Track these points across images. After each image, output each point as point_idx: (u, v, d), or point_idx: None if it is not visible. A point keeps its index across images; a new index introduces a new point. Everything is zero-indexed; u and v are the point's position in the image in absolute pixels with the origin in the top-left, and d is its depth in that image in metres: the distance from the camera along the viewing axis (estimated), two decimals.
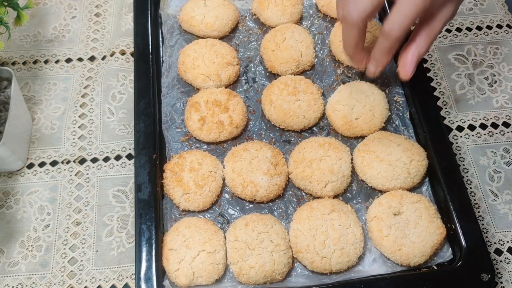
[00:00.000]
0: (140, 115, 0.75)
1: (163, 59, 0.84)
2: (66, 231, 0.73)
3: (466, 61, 0.89)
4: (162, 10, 0.88)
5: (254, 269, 0.64)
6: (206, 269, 0.64)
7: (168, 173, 0.71)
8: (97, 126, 0.81)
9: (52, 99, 0.84)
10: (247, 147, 0.73)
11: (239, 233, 0.66)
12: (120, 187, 0.77)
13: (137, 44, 0.81)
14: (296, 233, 0.67)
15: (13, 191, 0.76)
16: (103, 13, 0.93)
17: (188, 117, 0.76)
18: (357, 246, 0.66)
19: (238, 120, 0.76)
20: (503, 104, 0.84)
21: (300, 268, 0.68)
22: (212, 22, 0.84)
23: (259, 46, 0.86)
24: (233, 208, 0.72)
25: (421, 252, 0.66)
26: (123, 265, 0.71)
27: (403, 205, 0.68)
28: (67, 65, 0.88)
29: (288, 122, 0.76)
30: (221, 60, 0.80)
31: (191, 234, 0.66)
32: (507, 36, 0.91)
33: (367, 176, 0.72)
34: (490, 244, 0.73)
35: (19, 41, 0.89)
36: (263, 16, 0.86)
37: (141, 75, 0.78)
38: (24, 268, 0.70)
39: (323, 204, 0.69)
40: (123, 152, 0.79)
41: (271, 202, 0.73)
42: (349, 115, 0.76)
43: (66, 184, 0.77)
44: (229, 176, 0.72)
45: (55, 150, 0.79)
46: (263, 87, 0.82)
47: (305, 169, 0.71)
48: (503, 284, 0.71)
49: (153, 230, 0.66)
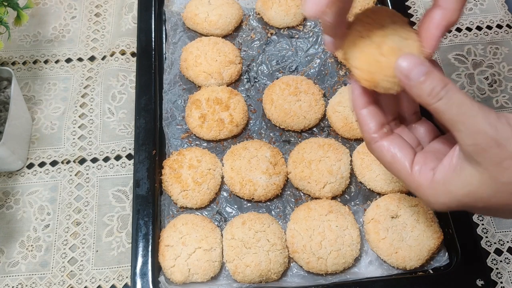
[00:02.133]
0: (141, 111, 0.75)
1: (165, 56, 0.84)
2: (66, 231, 0.73)
3: (466, 61, 0.89)
4: (166, 7, 0.88)
5: (249, 267, 0.64)
6: (202, 266, 0.64)
7: (167, 169, 0.72)
8: (97, 126, 0.82)
9: (52, 99, 0.84)
10: (246, 146, 0.73)
11: (236, 231, 0.66)
12: (120, 187, 0.77)
13: (140, 41, 0.81)
14: (293, 233, 0.67)
15: (13, 191, 0.76)
16: (103, 13, 0.93)
17: (188, 114, 0.77)
18: (354, 248, 0.66)
19: (239, 118, 0.76)
20: (503, 104, 0.84)
21: (296, 268, 0.68)
22: (215, 20, 0.84)
23: (262, 45, 0.86)
24: (231, 206, 0.73)
25: (418, 255, 0.66)
26: (123, 265, 0.71)
27: (401, 208, 0.68)
28: (67, 65, 0.88)
29: (289, 122, 0.76)
30: (224, 59, 0.80)
31: (188, 231, 0.66)
32: (507, 36, 0.91)
33: (366, 178, 0.72)
34: (490, 244, 0.73)
35: (19, 41, 0.90)
36: (266, 15, 0.87)
37: (143, 71, 0.79)
38: (24, 268, 0.71)
39: (321, 205, 0.69)
40: (123, 152, 0.79)
41: (269, 201, 0.73)
42: (350, 117, 0.76)
43: (66, 184, 0.77)
44: (228, 174, 0.72)
45: (55, 150, 0.79)
46: (265, 86, 0.82)
47: (304, 170, 0.71)
48: (503, 284, 0.71)
49: (150, 226, 0.67)
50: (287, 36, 0.87)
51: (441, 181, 0.44)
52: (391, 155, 0.47)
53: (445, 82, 0.41)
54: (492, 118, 0.40)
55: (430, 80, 0.41)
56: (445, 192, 0.44)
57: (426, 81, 0.42)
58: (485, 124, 0.40)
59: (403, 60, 0.43)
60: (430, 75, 0.42)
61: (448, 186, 0.43)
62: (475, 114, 0.40)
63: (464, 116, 0.40)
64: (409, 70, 0.42)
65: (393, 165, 0.47)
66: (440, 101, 0.41)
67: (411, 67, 0.42)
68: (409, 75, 0.42)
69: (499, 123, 0.40)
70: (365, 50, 0.46)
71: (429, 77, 0.41)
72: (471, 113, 0.40)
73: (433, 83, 0.41)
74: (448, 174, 0.43)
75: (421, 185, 0.45)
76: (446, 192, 0.44)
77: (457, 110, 0.41)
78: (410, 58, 0.43)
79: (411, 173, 0.46)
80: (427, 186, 0.45)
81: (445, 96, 0.41)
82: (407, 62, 0.42)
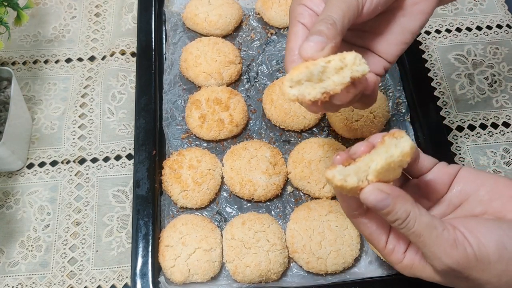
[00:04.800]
0: (140, 111, 0.75)
1: (165, 56, 0.84)
2: (66, 231, 0.73)
3: (466, 61, 0.89)
4: (166, 7, 0.88)
5: (249, 267, 0.64)
6: (202, 267, 0.65)
7: (167, 169, 0.72)
8: (97, 126, 0.82)
9: (52, 99, 0.84)
10: (246, 146, 0.73)
11: (236, 231, 0.66)
12: (120, 187, 0.77)
13: (140, 41, 0.81)
14: (293, 233, 0.67)
15: (13, 191, 0.76)
16: (103, 13, 0.93)
17: (188, 114, 0.77)
18: (353, 248, 0.66)
19: (239, 118, 0.76)
20: (503, 104, 0.84)
21: (295, 268, 0.68)
22: (215, 20, 0.84)
23: (262, 45, 0.86)
24: (230, 207, 0.73)
25: None
26: (123, 265, 0.71)
27: None
28: (67, 65, 0.88)
29: (289, 122, 0.76)
30: (223, 59, 0.80)
31: (188, 231, 0.66)
32: (507, 36, 0.91)
33: None
34: None
35: (19, 41, 0.90)
36: (266, 15, 0.87)
37: (143, 72, 0.79)
38: (24, 268, 0.71)
39: (321, 205, 0.69)
40: (123, 152, 0.79)
41: (269, 201, 0.73)
42: (350, 117, 0.76)
43: (66, 184, 0.77)
44: (228, 175, 0.72)
45: (55, 150, 0.79)
46: (265, 86, 0.82)
47: (303, 170, 0.71)
48: None
49: (150, 226, 0.67)
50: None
51: (408, 265, 0.49)
52: (368, 232, 0.50)
53: (407, 213, 0.45)
54: (449, 246, 0.43)
55: (393, 213, 0.45)
56: (410, 273, 0.49)
57: (390, 213, 0.45)
58: (442, 254, 0.44)
59: (370, 193, 0.45)
60: (394, 207, 0.45)
61: (413, 271, 0.49)
62: (432, 244, 0.44)
63: (422, 244, 0.45)
64: (374, 202, 0.45)
65: (371, 241, 0.51)
66: (403, 230, 0.45)
67: (376, 201, 0.45)
68: (375, 207, 0.46)
69: (456, 251, 0.43)
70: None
71: (393, 209, 0.45)
72: (429, 242, 0.44)
73: (396, 216, 0.45)
74: (414, 263, 0.48)
75: (393, 262, 0.50)
76: (411, 273, 0.49)
77: (416, 239, 0.45)
78: (375, 193, 0.45)
79: (385, 251, 0.50)
80: (397, 265, 0.49)
81: (405, 227, 0.45)
82: (373, 196, 0.45)
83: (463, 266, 0.43)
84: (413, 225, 0.45)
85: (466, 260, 0.43)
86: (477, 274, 0.43)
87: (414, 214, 0.45)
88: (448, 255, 0.43)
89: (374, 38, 0.55)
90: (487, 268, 0.43)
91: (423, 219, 0.45)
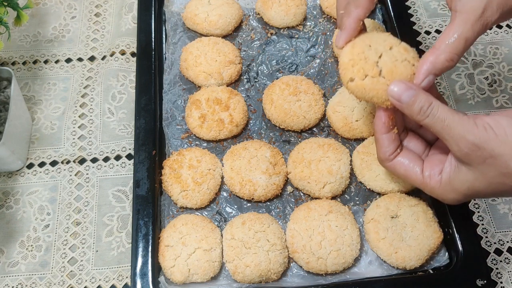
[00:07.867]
0: (140, 111, 0.75)
1: (165, 56, 0.84)
2: (66, 231, 0.73)
3: (466, 61, 0.89)
4: (166, 7, 0.88)
5: (249, 267, 0.64)
6: (202, 267, 0.64)
7: (167, 169, 0.72)
8: (97, 126, 0.82)
9: (52, 99, 0.84)
10: (246, 146, 0.73)
11: (236, 231, 0.66)
12: (120, 187, 0.77)
13: (140, 41, 0.81)
14: (293, 233, 0.67)
15: (13, 191, 0.76)
16: (103, 13, 0.93)
17: (188, 114, 0.77)
18: (353, 248, 0.66)
19: (239, 118, 0.76)
20: (503, 104, 0.84)
21: (295, 268, 0.68)
22: (215, 20, 0.84)
23: (262, 45, 0.86)
24: (230, 207, 0.73)
25: (418, 255, 0.65)
26: (123, 265, 0.71)
27: (401, 208, 0.68)
28: (67, 65, 0.88)
29: (288, 122, 0.76)
30: (223, 59, 0.80)
31: (188, 231, 0.66)
32: (507, 36, 0.91)
33: (366, 178, 0.72)
34: (490, 244, 0.73)
35: (19, 41, 0.90)
36: (266, 15, 0.87)
37: (143, 72, 0.79)
38: (24, 268, 0.71)
39: (321, 205, 0.69)
40: (123, 152, 0.79)
41: (269, 201, 0.73)
42: (350, 117, 0.76)
43: (66, 184, 0.77)
44: (228, 175, 0.72)
45: (55, 150, 0.79)
46: (265, 86, 0.82)
47: (303, 170, 0.71)
48: (503, 284, 0.71)
49: (150, 226, 0.67)
50: (287, 36, 0.87)
51: (447, 181, 0.54)
52: (404, 169, 0.57)
53: (429, 102, 0.51)
54: (471, 125, 0.49)
55: (417, 102, 0.51)
56: (452, 189, 0.54)
57: (414, 103, 0.52)
58: (465, 132, 0.49)
59: (394, 86, 0.53)
60: (417, 97, 0.52)
61: (452, 184, 0.54)
62: (456, 125, 0.50)
63: (448, 128, 0.50)
64: (399, 94, 0.52)
65: (407, 176, 0.58)
66: (428, 118, 0.51)
67: (401, 92, 0.52)
68: (400, 98, 0.52)
69: (477, 129, 0.49)
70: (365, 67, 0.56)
71: (417, 99, 0.52)
72: (453, 124, 0.50)
73: (420, 104, 0.51)
74: (450, 175, 0.54)
75: (433, 187, 0.55)
76: (453, 189, 0.54)
77: (441, 124, 0.51)
78: (399, 84, 0.53)
79: (423, 180, 0.56)
80: (438, 188, 0.55)
81: (430, 113, 0.51)
82: (398, 87, 0.53)
83: (484, 140, 0.48)
84: (438, 110, 0.51)
85: (486, 134, 0.48)
86: (499, 148, 0.48)
87: (436, 103, 0.51)
88: (470, 132, 0.49)
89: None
90: (507, 140, 0.48)
91: (444, 107, 0.51)
